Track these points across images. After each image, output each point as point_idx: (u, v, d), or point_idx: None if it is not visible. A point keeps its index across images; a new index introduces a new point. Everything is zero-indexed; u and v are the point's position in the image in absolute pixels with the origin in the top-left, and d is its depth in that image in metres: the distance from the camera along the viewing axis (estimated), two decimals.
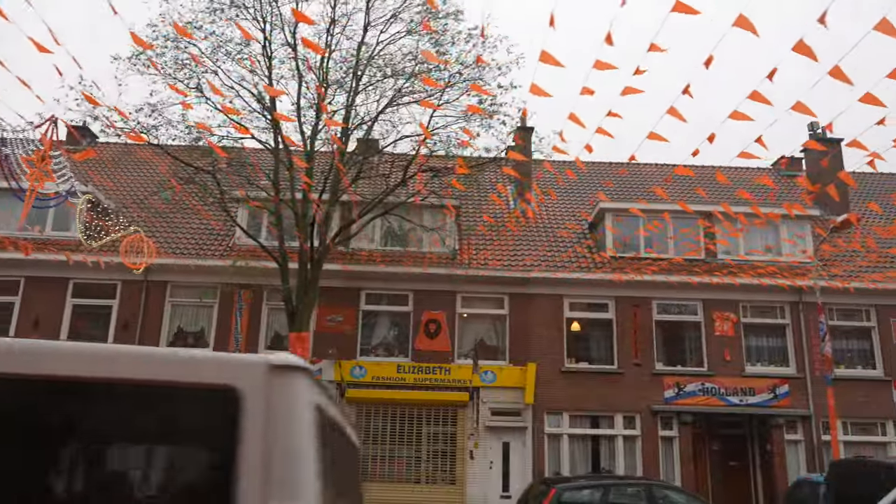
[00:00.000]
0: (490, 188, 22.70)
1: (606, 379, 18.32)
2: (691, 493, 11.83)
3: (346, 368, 17.87)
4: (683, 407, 18.13)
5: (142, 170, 22.16)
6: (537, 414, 18.02)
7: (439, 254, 19.02)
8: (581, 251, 19.78)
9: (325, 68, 15.52)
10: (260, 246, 14.88)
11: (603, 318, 18.87)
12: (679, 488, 12.07)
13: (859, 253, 19.88)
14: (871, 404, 18.43)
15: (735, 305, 18.95)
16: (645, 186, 23.06)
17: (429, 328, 18.39)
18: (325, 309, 18.38)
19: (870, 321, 19.11)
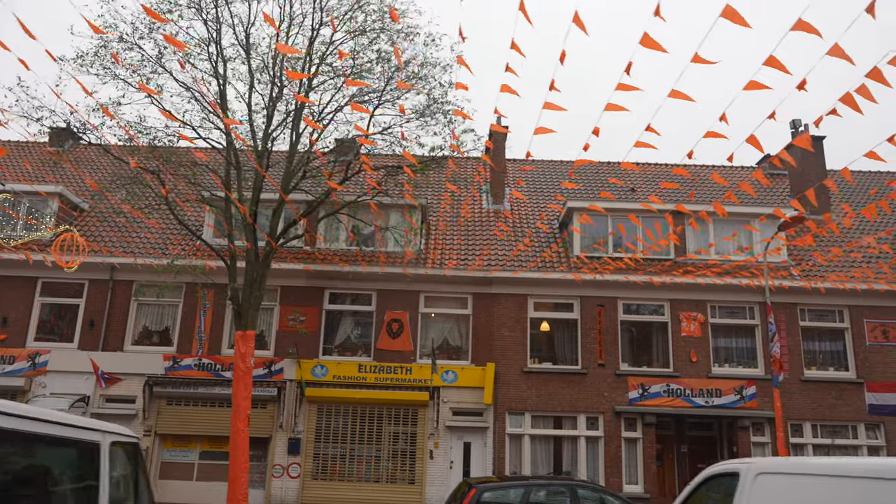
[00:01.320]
0: (464, 188, 22.69)
1: (570, 379, 18.15)
2: (616, 494, 11.63)
3: (308, 367, 17.91)
4: (647, 408, 17.89)
5: (117, 170, 22.43)
6: (499, 414, 17.90)
7: (404, 253, 18.99)
8: (549, 251, 19.62)
9: (280, 67, 15.59)
10: (206, 245, 14.99)
11: (568, 319, 18.70)
12: (604, 489, 11.87)
13: (834, 250, 19.50)
14: (843, 406, 18.05)
15: (703, 306, 18.68)
16: (623, 185, 22.87)
17: (391, 328, 18.38)
18: (288, 308, 18.49)
19: (843, 322, 18.71)
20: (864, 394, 18.05)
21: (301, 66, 15.22)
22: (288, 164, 15.20)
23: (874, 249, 19.60)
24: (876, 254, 19.58)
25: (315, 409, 17.88)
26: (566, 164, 24.37)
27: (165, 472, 17.59)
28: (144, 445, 17.35)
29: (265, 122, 15.23)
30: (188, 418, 17.68)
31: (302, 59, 15.04)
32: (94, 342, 18.15)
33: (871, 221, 20.76)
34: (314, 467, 17.54)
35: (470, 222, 20.99)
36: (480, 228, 20.71)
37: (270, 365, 17.96)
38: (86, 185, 21.34)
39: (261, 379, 17.80)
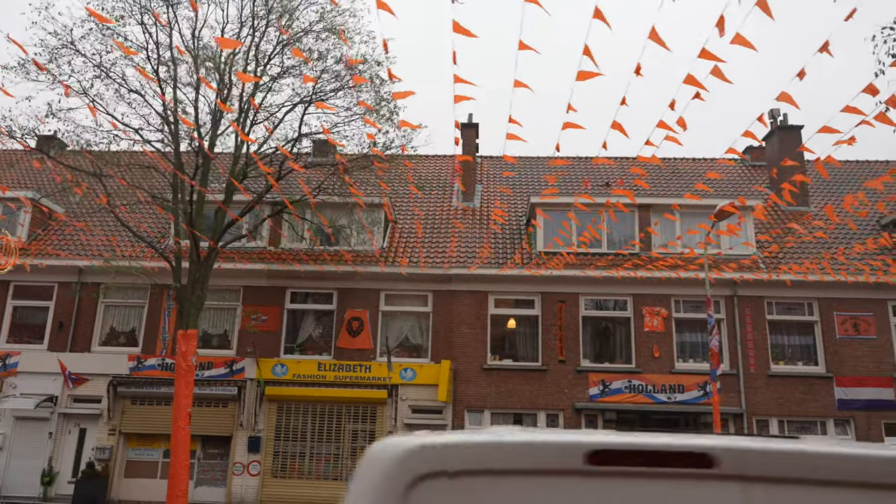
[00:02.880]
0: (435, 185, 22.70)
1: (530, 376, 18.02)
2: None
3: (268, 366, 18.07)
4: (608, 404, 17.67)
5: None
6: (458, 411, 17.85)
7: (366, 252, 19.05)
8: (512, 248, 19.51)
9: (229, 67, 15.76)
10: (150, 246, 15.23)
11: (529, 315, 18.57)
12: None
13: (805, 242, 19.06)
14: (811, 402, 17.61)
15: (666, 300, 18.39)
16: (597, 181, 22.64)
17: (351, 326, 18.45)
18: (251, 308, 18.67)
19: (812, 315, 18.25)
20: (833, 388, 17.67)
21: (246, 67, 15.37)
22: (233, 165, 15.36)
23: (856, 247, 19.10)
24: (857, 253, 19.06)
25: (275, 408, 18.03)
26: (540, 160, 24.18)
27: (130, 471, 17.90)
28: (109, 444, 17.70)
29: (211, 125, 15.42)
30: (152, 417, 17.96)
31: (247, 60, 15.20)
32: (63, 343, 18.56)
33: (849, 214, 20.20)
34: (274, 465, 17.69)
35: (437, 220, 20.97)
36: (448, 226, 20.67)
37: (231, 364, 18.16)
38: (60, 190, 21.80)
39: (221, 378, 18.02)
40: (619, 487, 1.83)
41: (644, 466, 1.84)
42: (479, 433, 2.04)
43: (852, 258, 18.25)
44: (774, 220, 20.67)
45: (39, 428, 17.99)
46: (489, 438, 1.94)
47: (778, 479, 1.82)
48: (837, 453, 1.88)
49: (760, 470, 1.83)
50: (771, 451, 1.86)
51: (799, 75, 6.93)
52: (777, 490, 1.81)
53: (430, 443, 1.91)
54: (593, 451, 1.86)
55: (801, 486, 1.82)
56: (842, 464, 1.87)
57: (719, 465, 1.82)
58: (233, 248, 18.67)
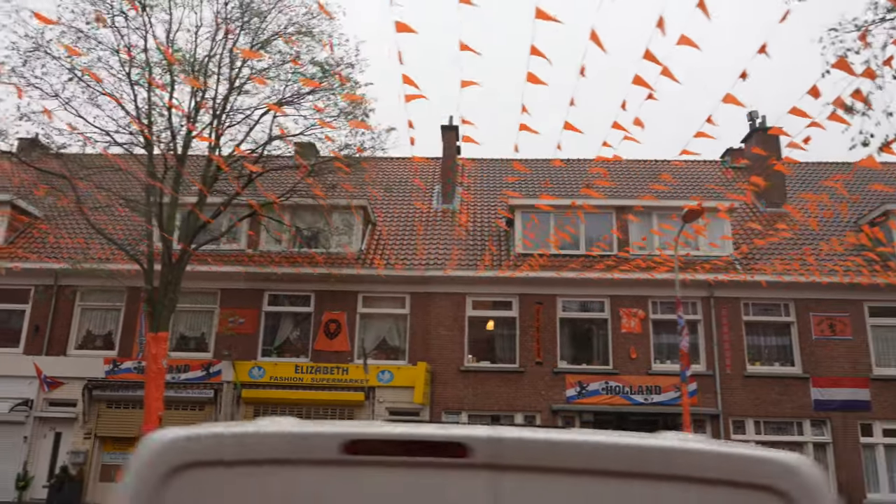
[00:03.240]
0: (417, 187, 22.70)
1: (507, 378, 18.01)
2: None
3: (245, 369, 18.02)
4: (585, 406, 17.68)
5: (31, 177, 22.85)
6: (435, 413, 17.82)
7: (344, 254, 19.03)
8: (488, 250, 19.51)
9: (203, 70, 15.75)
10: (122, 249, 15.17)
11: (507, 317, 18.57)
12: None
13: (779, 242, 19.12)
14: (787, 402, 17.64)
15: (643, 302, 18.41)
16: (576, 183, 22.67)
17: (329, 328, 18.42)
18: (228, 311, 18.63)
19: (788, 316, 18.30)
20: (809, 389, 17.71)
21: (220, 70, 15.38)
22: (206, 167, 15.34)
23: (835, 246, 19.15)
24: (843, 250, 19.12)
25: (252, 411, 17.96)
26: (522, 162, 24.19)
27: (105, 475, 17.79)
28: (84, 448, 17.62)
29: (186, 128, 15.41)
30: (127, 421, 17.86)
31: (220, 65, 15.21)
32: (39, 347, 18.47)
33: (825, 216, 20.28)
34: None
35: (417, 222, 20.96)
36: (427, 228, 20.66)
37: (208, 367, 18.11)
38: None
39: (198, 381, 17.97)
40: (374, 476, 1.85)
41: (400, 456, 1.86)
42: (242, 425, 2.08)
43: (821, 258, 18.31)
44: (750, 221, 20.71)
45: (14, 432, 17.88)
46: (246, 429, 1.97)
47: (530, 468, 1.83)
48: (591, 442, 1.90)
49: (514, 459, 1.84)
50: (525, 440, 1.87)
51: (741, 76, 6.95)
52: (527, 478, 1.82)
53: (186, 434, 1.94)
54: (350, 441, 1.89)
55: (552, 475, 1.82)
56: (596, 452, 1.88)
57: (473, 454, 1.84)
58: (210, 251, 18.65)
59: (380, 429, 1.97)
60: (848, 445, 17.25)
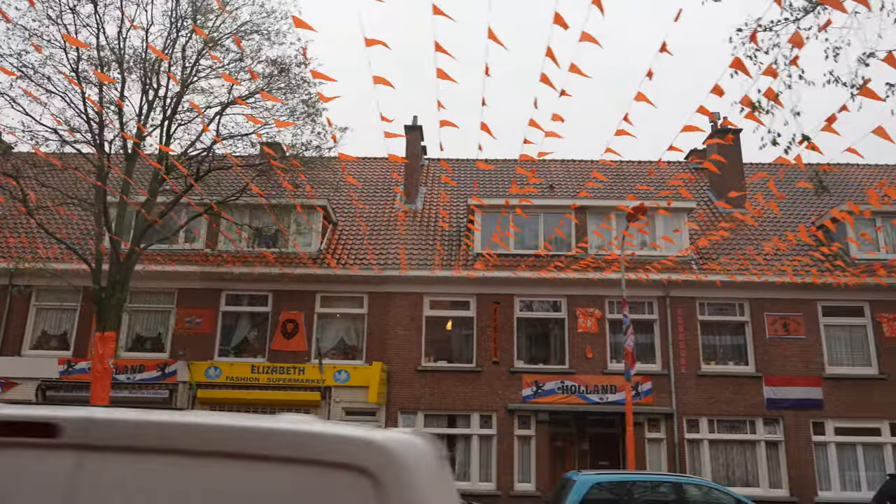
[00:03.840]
0: (380, 187, 22.71)
1: (464, 377, 18.05)
2: None
3: (202, 369, 17.94)
4: (541, 405, 17.74)
5: None
6: (391, 413, 17.83)
7: (302, 254, 19.00)
8: (447, 250, 19.54)
9: (156, 72, 15.69)
10: (68, 247, 15.08)
11: (464, 316, 18.61)
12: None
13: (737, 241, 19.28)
14: (741, 401, 17.79)
15: (600, 301, 18.50)
16: (542, 183, 22.75)
17: (286, 328, 18.39)
18: (185, 310, 18.55)
19: (743, 316, 18.45)
20: (762, 388, 17.87)
21: (170, 68, 15.31)
22: (163, 162, 15.27)
23: (785, 244, 19.33)
24: (787, 249, 19.30)
25: (208, 411, 17.89)
26: (504, 162, 24.24)
27: None
28: None
29: (138, 127, 15.33)
30: None
31: (171, 62, 15.15)
32: None
33: (777, 214, 20.48)
34: None
35: (378, 222, 20.96)
36: (389, 228, 20.67)
37: (164, 367, 18.02)
38: None
39: (153, 381, 17.89)
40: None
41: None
42: None
43: (772, 258, 18.48)
44: (710, 221, 20.89)
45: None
46: None
47: (118, 448, 1.85)
48: (177, 422, 1.93)
49: (102, 439, 1.86)
50: (115, 420, 1.90)
51: (648, 74, 7.02)
52: (114, 458, 1.84)
53: None
54: None
55: (139, 455, 1.85)
56: (183, 432, 1.91)
57: (62, 434, 1.86)
58: (168, 251, 18.60)
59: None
60: (800, 444, 17.42)
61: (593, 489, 10.50)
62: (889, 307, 18.23)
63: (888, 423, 17.60)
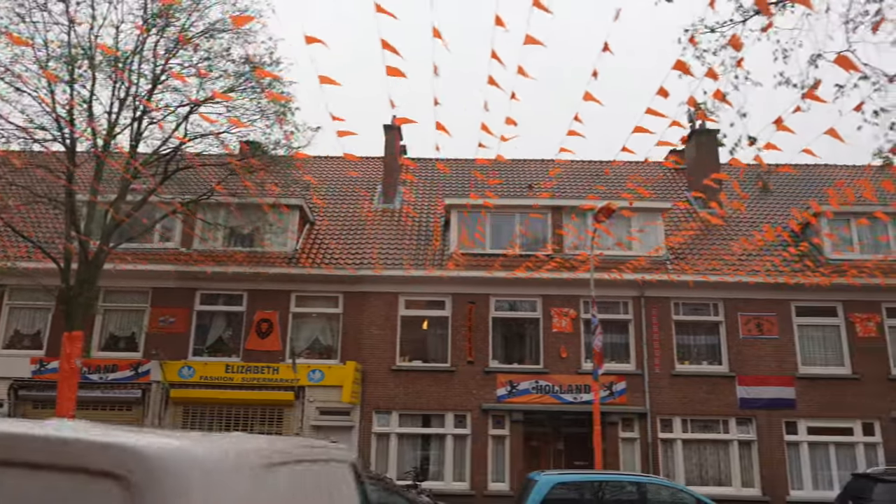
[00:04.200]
0: (361, 186, 22.67)
1: (438, 377, 18.04)
2: None
3: (175, 368, 17.87)
4: (515, 405, 17.75)
5: None
6: (365, 413, 17.82)
7: (278, 253, 18.97)
8: (421, 249, 19.52)
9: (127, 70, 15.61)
10: (37, 246, 14.99)
11: (440, 316, 18.60)
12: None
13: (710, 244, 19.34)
14: (714, 401, 17.84)
15: (575, 301, 18.52)
16: (521, 183, 22.77)
17: (261, 328, 18.34)
18: (159, 310, 18.48)
19: (717, 315, 18.51)
20: (736, 388, 17.93)
21: (141, 65, 15.25)
22: (126, 165, 15.20)
23: (755, 244, 19.39)
24: (757, 249, 19.36)
25: (181, 411, 17.85)
26: (466, 162, 24.25)
27: None
28: None
29: (108, 125, 15.26)
30: None
31: (141, 60, 15.09)
32: None
33: (743, 211, 20.55)
34: None
35: (357, 221, 20.93)
36: (366, 227, 20.62)
37: (137, 367, 17.94)
38: None
39: (126, 381, 17.81)
40: None
41: None
42: None
43: (743, 258, 18.54)
44: (686, 222, 20.94)
45: None
46: None
47: None
48: None
49: None
50: None
51: (593, 74, 7.02)
52: None
53: None
54: None
55: None
56: None
57: None
58: (143, 249, 18.54)
59: None
60: (772, 443, 17.49)
61: (555, 489, 10.53)
62: (862, 307, 18.32)
63: (861, 423, 17.69)
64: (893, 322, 18.36)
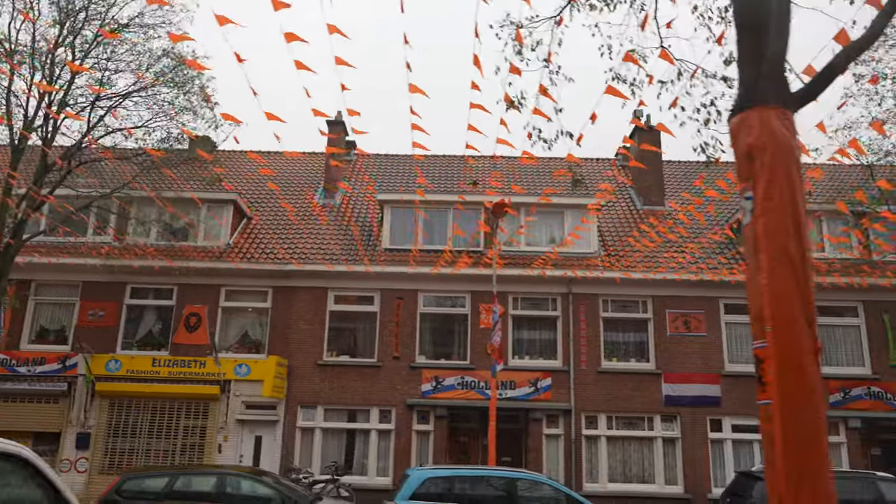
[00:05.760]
0: (303, 182, 22.70)
1: (364, 372, 18.08)
2: (263, 480, 11.45)
3: (102, 362, 17.93)
4: (440, 401, 17.79)
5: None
6: (290, 407, 17.87)
7: (210, 248, 19.01)
8: (350, 245, 19.55)
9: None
10: None
11: (368, 311, 18.63)
12: (256, 477, 11.70)
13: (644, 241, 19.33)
14: (639, 398, 17.85)
15: (505, 297, 18.51)
16: (452, 179, 22.77)
17: (189, 322, 18.39)
18: (89, 303, 18.55)
19: (646, 313, 18.50)
20: (661, 385, 17.93)
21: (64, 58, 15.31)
22: (42, 158, 15.26)
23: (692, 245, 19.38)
24: (690, 246, 19.34)
25: (107, 404, 17.92)
26: (404, 158, 24.26)
27: None
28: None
29: (24, 118, 15.32)
30: None
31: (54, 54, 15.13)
32: None
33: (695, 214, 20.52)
34: (104, 462, 17.57)
35: (297, 216, 20.95)
36: (305, 223, 20.65)
37: (65, 360, 18.01)
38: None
39: (54, 374, 17.87)
40: None
41: None
42: None
43: (677, 257, 18.53)
44: (628, 220, 20.93)
45: None
46: None
47: None
48: None
49: None
50: None
51: (407, 66, 6.99)
52: None
53: None
54: None
55: None
56: None
57: None
58: (75, 243, 18.61)
59: None
60: (696, 441, 17.49)
61: (425, 483, 10.57)
62: None
63: None
64: (820, 321, 18.29)
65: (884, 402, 17.58)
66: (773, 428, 4.38)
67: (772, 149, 4.25)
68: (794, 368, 4.26)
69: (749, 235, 4.32)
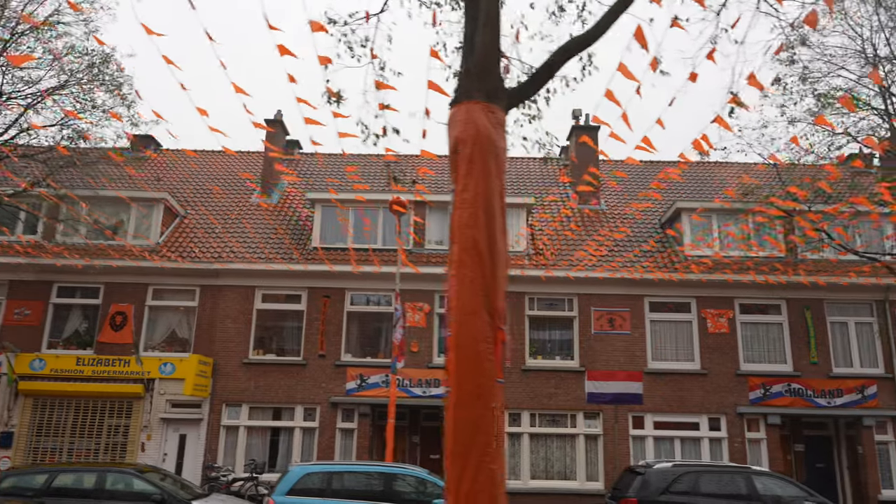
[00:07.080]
0: (240, 181, 22.71)
1: (290, 370, 18.12)
2: (145, 477, 11.48)
3: (26, 361, 17.90)
4: (364, 399, 17.85)
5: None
6: (215, 406, 17.89)
7: (139, 246, 19.00)
8: (281, 243, 19.59)
9: None
10: None
11: (295, 310, 18.67)
12: (138, 474, 11.69)
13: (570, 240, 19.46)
14: (562, 395, 17.96)
15: (430, 296, 18.61)
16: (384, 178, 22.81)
17: (115, 321, 18.38)
18: (14, 302, 18.52)
19: (572, 311, 18.62)
20: (584, 382, 18.05)
21: None
22: None
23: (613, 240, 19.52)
24: (617, 245, 19.48)
25: (31, 403, 17.89)
26: (347, 157, 24.32)
27: None
28: None
29: None
30: None
31: None
32: None
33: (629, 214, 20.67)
34: (26, 461, 17.53)
35: (236, 215, 20.97)
36: (239, 222, 20.68)
37: None
38: None
39: None
40: None
41: None
42: None
43: (598, 251, 18.66)
44: (564, 217, 21.05)
45: None
46: None
47: None
48: None
49: None
50: None
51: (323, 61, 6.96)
52: None
53: None
54: None
55: None
56: None
57: None
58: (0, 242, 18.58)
59: None
60: (618, 437, 17.62)
61: (304, 478, 10.66)
62: (714, 303, 18.46)
63: (707, 418, 17.84)
64: (745, 318, 18.52)
65: (804, 398, 17.75)
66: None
67: (471, 142, 4.34)
68: (471, 358, 4.38)
69: (450, 227, 4.42)
